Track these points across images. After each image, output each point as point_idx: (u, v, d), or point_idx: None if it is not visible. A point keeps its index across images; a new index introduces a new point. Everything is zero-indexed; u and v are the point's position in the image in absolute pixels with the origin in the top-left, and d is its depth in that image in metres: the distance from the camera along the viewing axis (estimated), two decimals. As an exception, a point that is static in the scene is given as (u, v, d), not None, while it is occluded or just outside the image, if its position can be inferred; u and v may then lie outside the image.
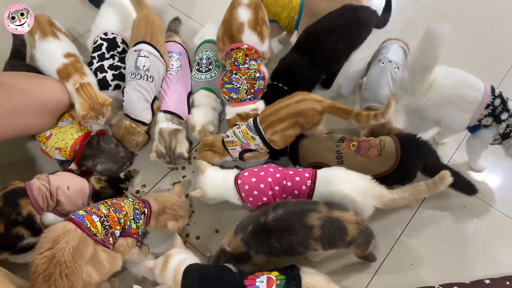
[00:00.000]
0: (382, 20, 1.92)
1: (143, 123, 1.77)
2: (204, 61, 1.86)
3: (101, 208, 1.39)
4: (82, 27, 2.18)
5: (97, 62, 1.82)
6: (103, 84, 1.78)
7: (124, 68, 1.82)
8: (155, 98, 1.78)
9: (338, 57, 1.83)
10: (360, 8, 1.81)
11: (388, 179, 1.51)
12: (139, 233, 1.46)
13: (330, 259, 1.53)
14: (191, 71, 1.91)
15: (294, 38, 2.19)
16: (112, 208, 1.40)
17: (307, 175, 1.49)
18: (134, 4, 1.87)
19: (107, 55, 1.83)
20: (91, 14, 2.00)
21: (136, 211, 1.45)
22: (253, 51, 1.72)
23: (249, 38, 1.71)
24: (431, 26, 1.37)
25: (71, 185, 1.51)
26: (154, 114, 1.79)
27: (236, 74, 1.72)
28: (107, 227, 1.35)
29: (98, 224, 1.34)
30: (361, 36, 1.83)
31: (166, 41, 1.91)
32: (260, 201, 1.51)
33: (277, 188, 1.49)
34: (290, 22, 1.96)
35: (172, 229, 1.50)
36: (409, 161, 1.51)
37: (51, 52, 1.70)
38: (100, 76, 1.79)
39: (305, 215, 1.31)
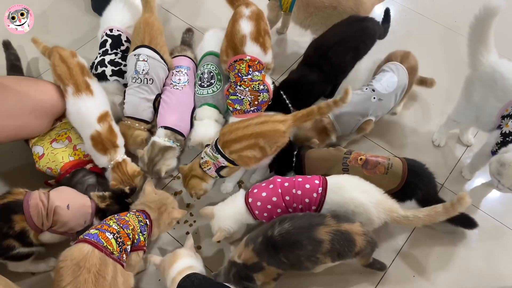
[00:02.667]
0: (383, 30, 1.94)
1: (146, 122, 1.81)
2: (205, 76, 1.84)
3: (111, 225, 1.36)
4: (86, 36, 2.19)
5: (100, 57, 1.86)
6: (101, 77, 1.82)
7: (125, 65, 1.86)
8: (158, 95, 1.82)
9: (346, 68, 1.85)
10: (365, 19, 1.83)
11: None
12: (146, 245, 1.45)
13: (331, 272, 1.52)
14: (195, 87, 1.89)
15: (293, 36, 2.21)
16: (120, 225, 1.38)
17: (317, 181, 1.46)
18: (142, 4, 1.90)
19: (110, 52, 1.87)
20: (94, 23, 2.01)
21: (141, 223, 1.44)
22: (256, 62, 1.72)
23: (251, 49, 1.72)
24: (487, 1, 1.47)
25: (71, 203, 1.47)
26: (156, 111, 1.83)
27: (240, 85, 1.72)
28: (121, 243, 1.33)
29: (113, 241, 1.31)
30: (367, 47, 1.86)
31: (178, 55, 1.93)
32: (275, 214, 1.48)
33: (287, 198, 1.46)
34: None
35: (181, 216, 1.55)
36: (412, 187, 1.52)
37: (85, 113, 1.63)
38: (100, 70, 1.83)
39: (313, 229, 1.30)
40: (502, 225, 1.68)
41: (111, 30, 1.90)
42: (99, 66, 1.83)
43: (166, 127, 1.75)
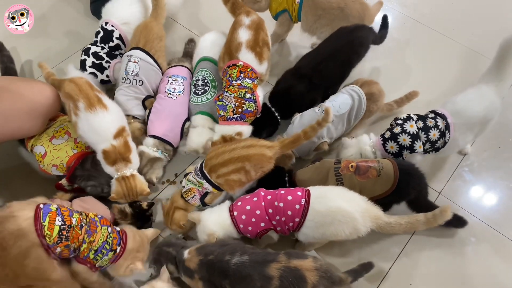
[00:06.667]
0: (379, 36, 1.95)
1: (132, 116, 1.81)
2: (200, 82, 1.82)
3: (74, 217, 1.29)
4: (84, 39, 2.19)
5: (89, 44, 1.90)
6: (81, 66, 1.86)
7: (106, 62, 1.89)
8: (148, 96, 1.83)
9: (336, 80, 1.86)
10: (355, 29, 1.82)
11: (383, 200, 1.50)
12: (98, 267, 1.37)
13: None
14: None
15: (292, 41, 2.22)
16: (87, 226, 1.31)
17: (299, 193, 1.44)
18: (152, 8, 1.93)
19: (98, 44, 1.90)
20: (93, 27, 2.01)
21: (106, 245, 1.34)
22: (248, 69, 1.70)
23: (246, 57, 1.70)
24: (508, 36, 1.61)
25: None
26: (146, 108, 1.84)
27: (227, 91, 1.69)
28: (64, 238, 1.24)
29: (56, 228, 1.23)
30: (359, 56, 1.87)
31: (176, 65, 1.92)
32: (259, 228, 1.47)
33: (270, 211, 1.45)
34: (293, 8, 1.96)
35: (141, 269, 1.41)
36: (405, 186, 1.51)
37: (101, 129, 1.57)
38: (82, 57, 1.87)
39: (266, 265, 1.29)
40: (499, 234, 1.67)
41: (106, 23, 1.92)
42: (83, 53, 1.87)
43: (154, 136, 1.74)
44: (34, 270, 1.22)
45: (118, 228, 1.43)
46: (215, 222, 1.49)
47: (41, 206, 1.26)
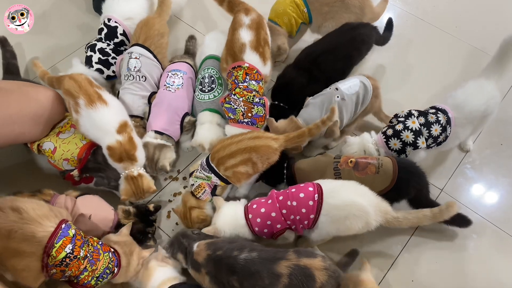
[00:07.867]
0: (383, 37, 1.96)
1: (140, 117, 1.82)
2: (206, 80, 1.83)
3: (83, 248, 1.29)
4: (87, 36, 2.19)
5: (94, 41, 1.90)
6: (87, 62, 1.86)
7: (113, 58, 1.90)
8: (153, 93, 1.83)
9: (337, 75, 1.85)
10: (358, 26, 1.83)
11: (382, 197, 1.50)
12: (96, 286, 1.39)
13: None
14: (194, 91, 1.89)
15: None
16: (89, 257, 1.31)
17: (311, 189, 1.43)
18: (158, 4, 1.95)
19: (103, 41, 1.91)
20: (95, 23, 2.01)
21: (107, 270, 1.36)
22: (254, 71, 1.70)
23: (250, 58, 1.71)
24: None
25: (94, 214, 1.47)
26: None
27: (234, 94, 1.69)
28: (64, 264, 1.25)
29: (62, 254, 1.24)
30: (361, 53, 1.87)
31: (177, 61, 1.92)
32: (275, 229, 1.46)
33: (284, 211, 1.44)
34: (304, 17, 1.97)
35: (149, 254, 1.47)
36: (405, 184, 1.51)
37: (103, 124, 1.57)
38: (88, 53, 1.88)
39: (275, 263, 1.29)
40: (500, 231, 1.68)
41: (109, 20, 1.92)
42: (89, 50, 1.88)
43: (155, 131, 1.73)
44: (15, 270, 1.22)
45: (112, 249, 1.42)
46: (229, 223, 1.49)
47: (63, 226, 1.26)
